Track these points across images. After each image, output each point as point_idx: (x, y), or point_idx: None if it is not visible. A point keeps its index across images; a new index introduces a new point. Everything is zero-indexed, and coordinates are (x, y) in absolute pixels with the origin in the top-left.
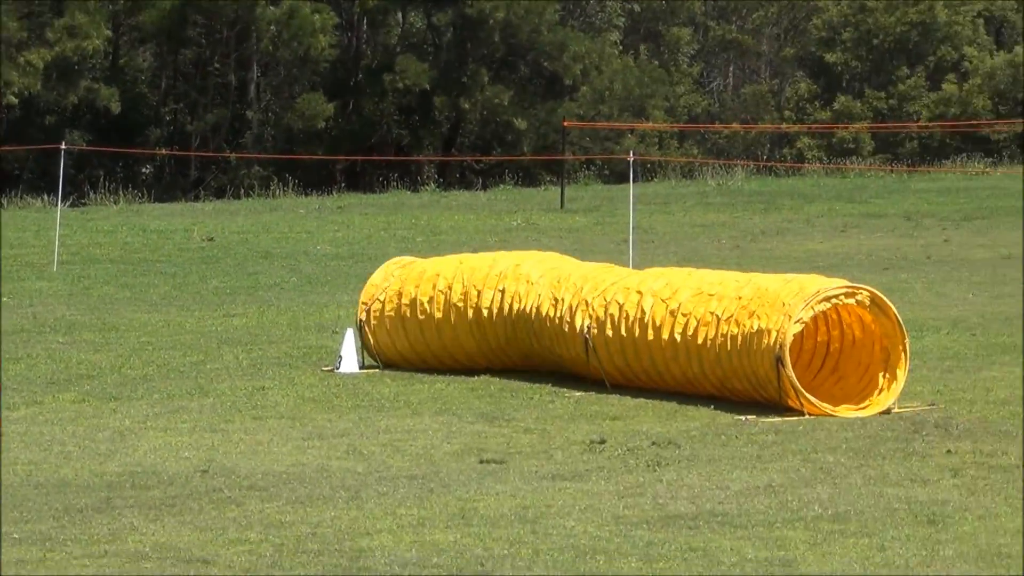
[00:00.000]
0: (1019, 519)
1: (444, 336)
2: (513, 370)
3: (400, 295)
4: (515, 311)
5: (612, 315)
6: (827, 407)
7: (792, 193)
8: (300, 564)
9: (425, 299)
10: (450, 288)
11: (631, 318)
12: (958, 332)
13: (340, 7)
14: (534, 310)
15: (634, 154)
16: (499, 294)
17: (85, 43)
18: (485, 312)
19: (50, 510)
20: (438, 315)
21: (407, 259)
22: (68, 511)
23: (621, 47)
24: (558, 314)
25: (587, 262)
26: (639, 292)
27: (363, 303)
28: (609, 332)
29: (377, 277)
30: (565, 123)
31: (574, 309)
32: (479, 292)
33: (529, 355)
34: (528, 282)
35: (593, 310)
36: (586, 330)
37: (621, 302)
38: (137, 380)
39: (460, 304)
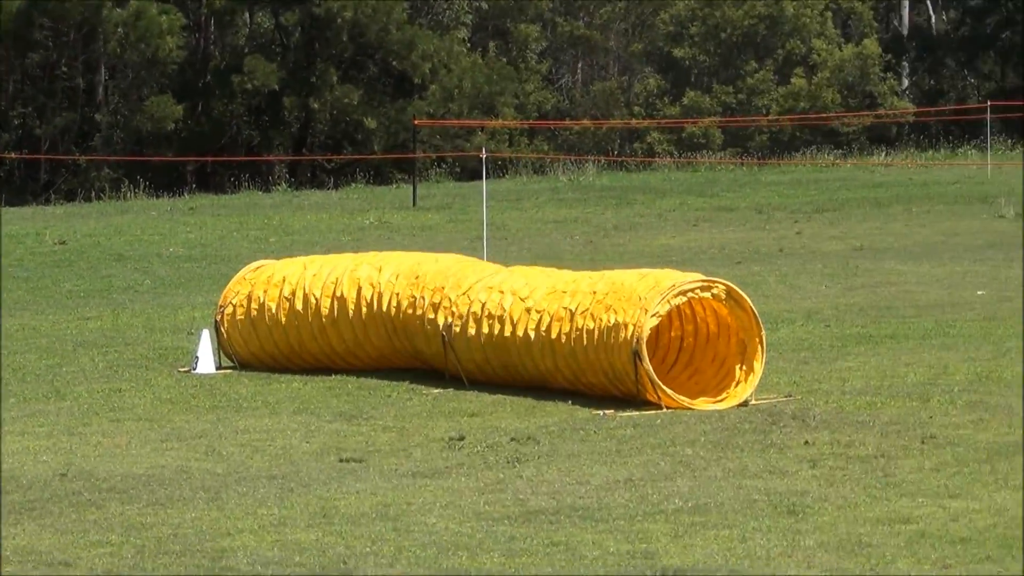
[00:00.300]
0: (878, 508)
1: (292, 340)
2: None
3: (250, 299)
4: (364, 313)
5: (474, 312)
6: (685, 400)
7: (643, 188)
8: (162, 565)
9: (273, 304)
10: (294, 294)
11: (492, 316)
12: (812, 324)
13: (187, 8)
14: (392, 309)
15: (485, 151)
16: (338, 301)
17: None
18: (325, 316)
19: None
20: (283, 320)
21: (262, 262)
22: None
23: (469, 45)
24: (418, 312)
25: (448, 255)
26: (500, 291)
27: (219, 306)
28: (471, 330)
29: (234, 280)
30: (416, 121)
31: (436, 306)
32: (318, 299)
33: (384, 354)
34: (379, 283)
35: (457, 307)
36: (445, 327)
37: (483, 300)
38: None
39: (301, 309)
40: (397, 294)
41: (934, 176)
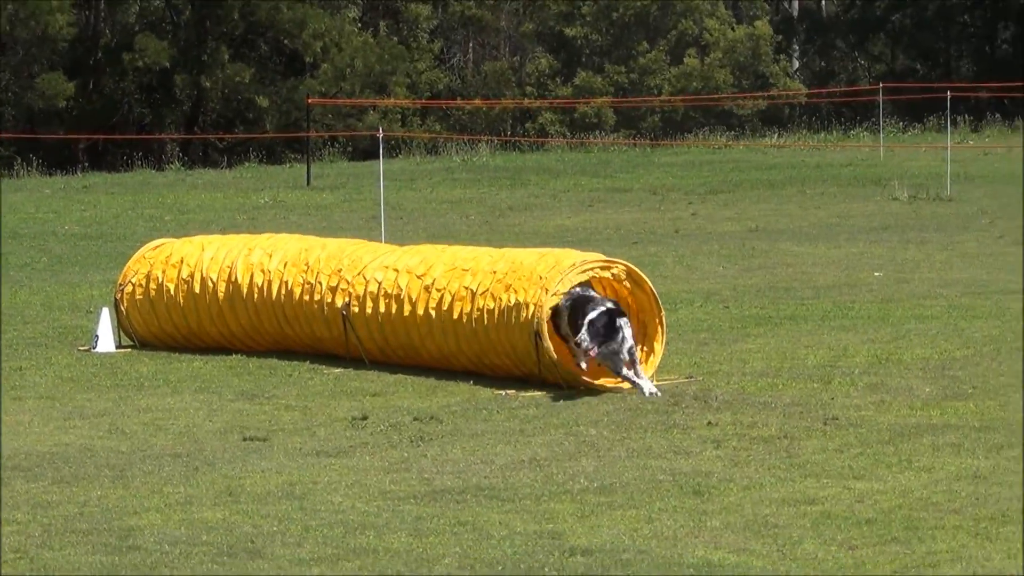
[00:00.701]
0: (783, 489)
1: (190, 322)
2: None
3: (149, 278)
4: (256, 300)
5: (371, 292)
6: (586, 379)
7: (537, 168)
8: (70, 543)
9: (171, 285)
10: (192, 276)
11: (389, 295)
12: (711, 305)
13: None
14: (281, 297)
15: (382, 130)
16: (233, 286)
17: None
18: (221, 299)
19: None
20: (182, 302)
21: (162, 241)
22: None
23: (361, 24)
24: (315, 297)
25: (337, 239)
26: (396, 270)
27: (119, 284)
28: (369, 309)
29: (133, 259)
30: (309, 100)
31: (334, 289)
32: (214, 282)
33: (280, 340)
34: (269, 270)
35: (353, 288)
36: (344, 307)
37: (380, 280)
38: None
39: (199, 292)
40: (287, 282)
41: (827, 158)
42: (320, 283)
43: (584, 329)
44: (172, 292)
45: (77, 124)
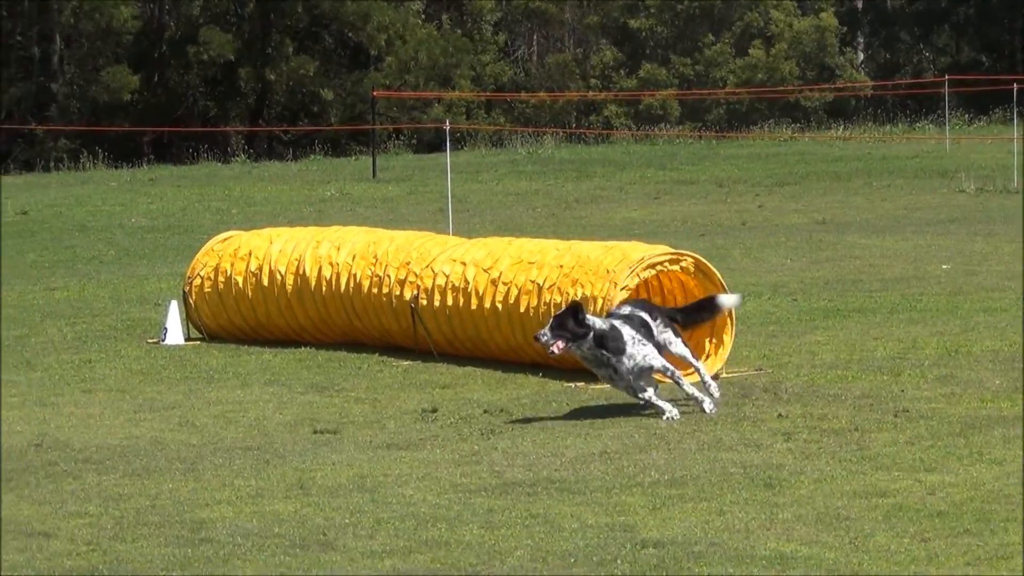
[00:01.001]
0: (854, 482)
1: (259, 314)
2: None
3: (218, 271)
4: (325, 292)
5: (439, 285)
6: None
7: (603, 161)
8: (142, 536)
9: (240, 278)
10: (260, 269)
11: (456, 288)
12: (779, 297)
13: None
14: (350, 289)
15: (448, 123)
16: (301, 278)
17: None
18: (290, 292)
19: None
20: (250, 295)
21: (231, 234)
22: None
23: (424, 17)
24: (383, 289)
25: (405, 231)
26: (463, 263)
27: (187, 277)
28: (436, 302)
29: (202, 251)
30: (375, 93)
31: (402, 282)
32: (283, 275)
33: (349, 333)
34: (337, 262)
35: (421, 281)
36: (412, 299)
37: (447, 273)
38: None
39: (267, 285)
40: (355, 275)
41: (893, 150)
42: (388, 276)
43: (548, 325)
44: (240, 285)
45: (142, 117)
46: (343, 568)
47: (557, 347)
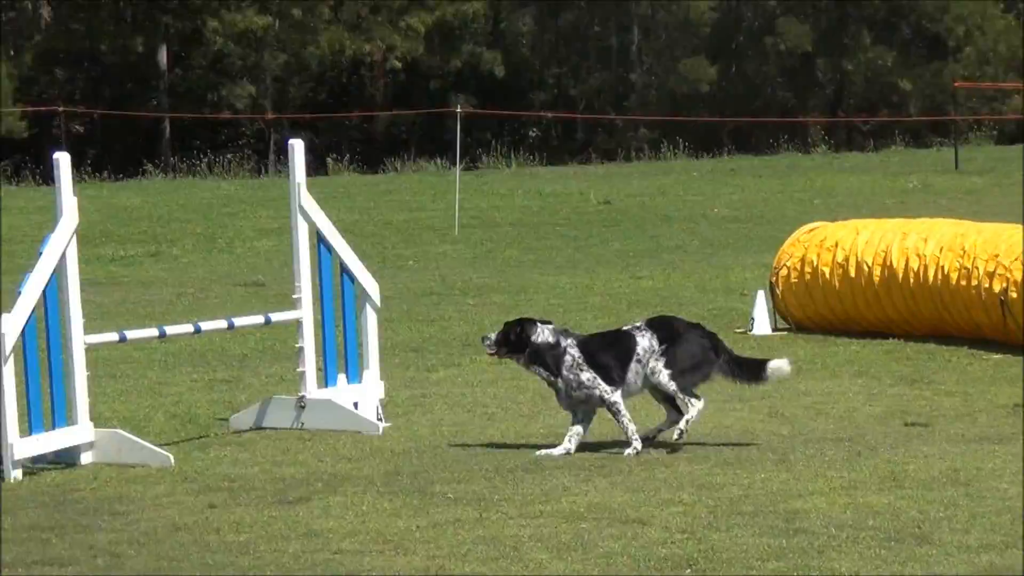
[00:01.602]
0: None
1: (846, 306)
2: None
3: (803, 262)
4: (912, 284)
5: None
6: None
7: None
8: (736, 525)
9: (826, 269)
10: (847, 260)
11: None
12: None
13: None
14: (938, 282)
15: None
16: (888, 270)
17: (465, 7)
18: (877, 284)
19: (480, 471)
20: (836, 286)
21: (816, 224)
22: (499, 471)
23: (1004, 7)
24: (971, 282)
25: (993, 224)
26: None
27: (773, 267)
28: None
29: (788, 242)
30: (956, 83)
31: (991, 274)
32: (869, 267)
33: (937, 325)
34: (924, 254)
35: (1011, 274)
36: (1001, 292)
37: None
38: None
39: (854, 276)
40: (943, 267)
41: None
42: (977, 268)
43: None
44: (827, 276)
45: (720, 107)
46: (938, 562)
47: (496, 355)
